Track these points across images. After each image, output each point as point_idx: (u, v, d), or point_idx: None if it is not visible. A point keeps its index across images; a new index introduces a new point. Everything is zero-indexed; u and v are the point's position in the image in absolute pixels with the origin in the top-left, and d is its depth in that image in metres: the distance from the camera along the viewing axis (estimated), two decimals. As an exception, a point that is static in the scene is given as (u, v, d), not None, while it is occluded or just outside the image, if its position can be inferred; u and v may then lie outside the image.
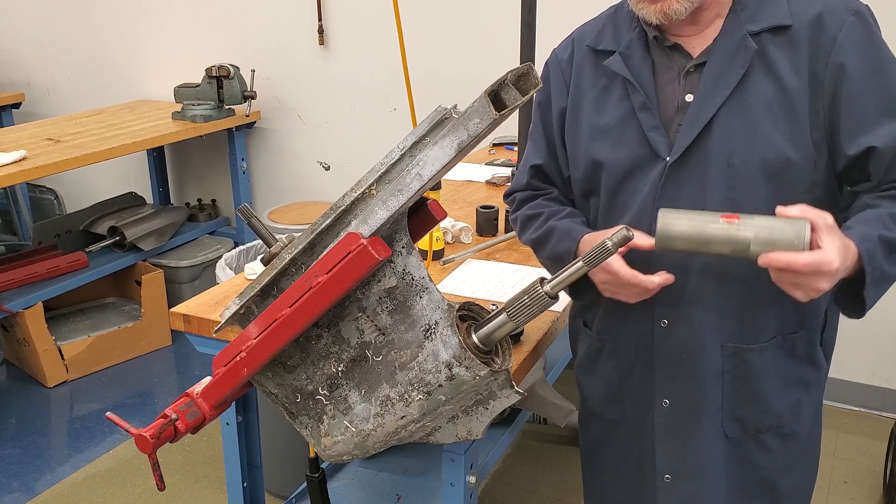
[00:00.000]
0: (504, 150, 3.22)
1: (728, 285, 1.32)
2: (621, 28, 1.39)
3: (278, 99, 4.03)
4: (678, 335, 1.37)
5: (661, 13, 1.26)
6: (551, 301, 1.15)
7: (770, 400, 1.38)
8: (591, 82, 1.41)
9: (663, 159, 1.31)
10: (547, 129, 1.49)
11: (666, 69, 1.34)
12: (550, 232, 1.42)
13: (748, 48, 1.27)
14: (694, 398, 1.39)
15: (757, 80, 1.27)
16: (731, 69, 1.27)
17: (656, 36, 1.34)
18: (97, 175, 4.53)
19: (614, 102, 1.37)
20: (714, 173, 1.28)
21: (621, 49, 1.37)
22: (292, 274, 1.17)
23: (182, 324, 1.80)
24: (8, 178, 3.00)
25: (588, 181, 1.42)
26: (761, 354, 1.35)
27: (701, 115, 1.28)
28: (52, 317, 3.58)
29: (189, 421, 1.23)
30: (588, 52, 1.42)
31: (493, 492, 2.72)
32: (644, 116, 1.33)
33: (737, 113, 1.27)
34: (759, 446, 1.41)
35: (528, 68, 1.07)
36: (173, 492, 2.72)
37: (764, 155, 1.25)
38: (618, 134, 1.36)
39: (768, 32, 1.27)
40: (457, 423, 1.27)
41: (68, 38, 4.54)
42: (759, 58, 1.27)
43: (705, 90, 1.28)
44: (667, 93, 1.33)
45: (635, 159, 1.34)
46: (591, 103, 1.40)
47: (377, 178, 1.11)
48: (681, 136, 1.29)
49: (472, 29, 3.48)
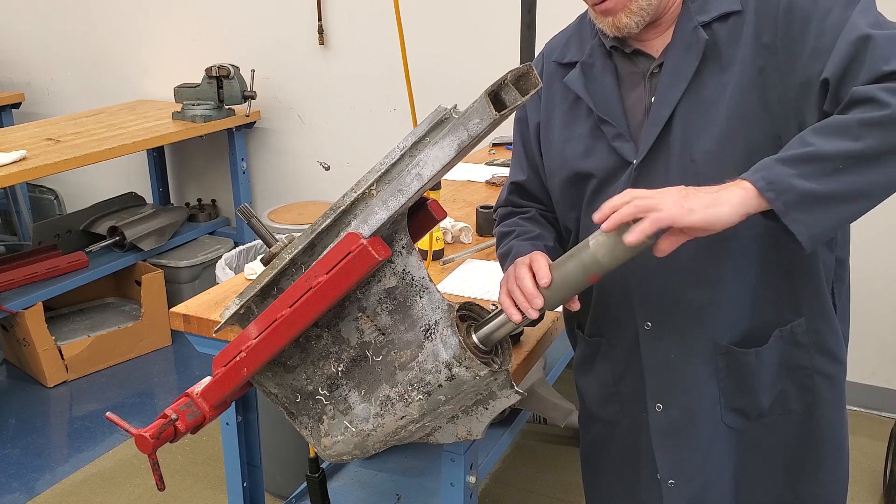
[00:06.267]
0: (504, 150, 3.21)
1: (709, 284, 1.31)
2: (585, 38, 1.40)
3: (278, 99, 4.03)
4: (663, 337, 1.36)
5: (612, 26, 1.27)
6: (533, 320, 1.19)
7: (770, 386, 1.35)
8: (560, 96, 1.41)
9: (631, 163, 1.31)
10: (526, 145, 1.50)
11: (630, 74, 1.34)
12: (508, 252, 1.41)
13: (699, 40, 1.25)
14: (687, 400, 1.38)
15: (711, 72, 1.25)
16: (684, 64, 1.26)
17: (614, 46, 1.34)
18: (97, 175, 4.52)
19: (583, 115, 1.37)
20: (678, 170, 1.27)
21: (583, 59, 1.37)
22: (292, 274, 1.17)
23: (182, 324, 1.80)
24: (8, 178, 3.00)
25: (565, 194, 1.42)
26: (759, 356, 1.34)
27: (660, 114, 1.28)
28: (52, 317, 3.58)
29: (189, 421, 1.23)
30: (556, 67, 1.43)
31: (493, 492, 2.72)
32: (605, 128, 1.33)
33: (695, 107, 1.26)
34: (765, 429, 1.38)
35: (528, 68, 1.07)
36: (173, 492, 2.72)
37: (723, 146, 1.23)
38: (588, 145, 1.36)
39: (719, 21, 1.25)
40: (457, 423, 1.27)
41: (68, 38, 4.54)
42: (713, 48, 1.25)
43: (663, 89, 1.28)
44: (633, 98, 1.33)
45: (607, 167, 1.34)
46: (562, 117, 1.41)
47: (377, 178, 1.11)
48: (644, 139, 1.29)
49: (472, 29, 3.48)
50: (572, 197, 1.41)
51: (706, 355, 1.35)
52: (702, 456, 1.40)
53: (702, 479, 1.41)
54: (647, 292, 1.34)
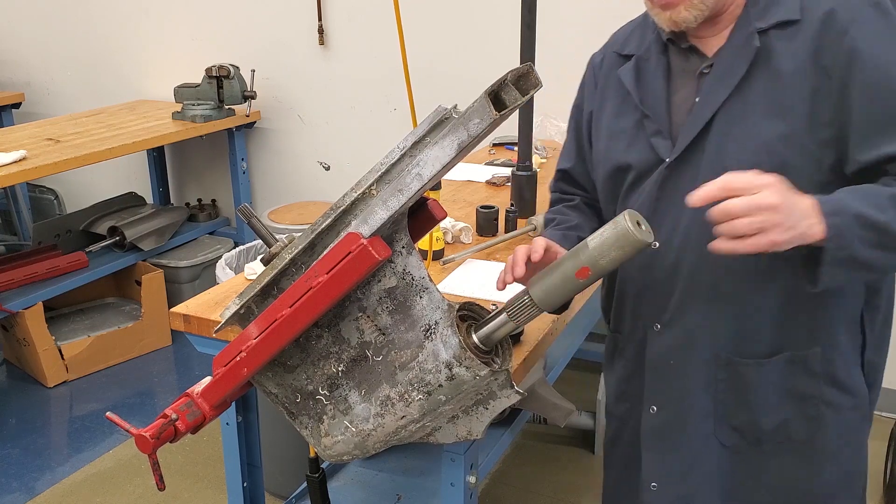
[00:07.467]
0: (504, 150, 3.21)
1: (720, 292, 1.29)
2: (646, 32, 1.39)
3: (278, 99, 4.03)
4: (668, 340, 1.36)
5: (670, 21, 1.25)
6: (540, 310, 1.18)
7: (773, 411, 1.32)
8: (615, 87, 1.41)
9: (663, 161, 1.30)
10: (578, 132, 1.51)
11: (682, 72, 1.33)
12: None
13: (751, 46, 1.23)
14: (680, 406, 1.37)
15: (759, 80, 1.23)
16: (733, 68, 1.25)
17: (670, 39, 1.33)
18: (97, 175, 4.52)
19: (632, 108, 1.37)
20: (709, 176, 1.22)
21: (640, 53, 1.37)
22: (292, 274, 1.17)
23: (182, 324, 1.80)
24: (8, 178, 3.00)
25: (605, 186, 1.43)
26: (760, 369, 1.31)
27: (701, 115, 1.26)
28: (52, 317, 3.58)
29: (189, 421, 1.23)
30: (616, 57, 1.43)
31: (493, 492, 2.72)
32: (647, 122, 1.33)
33: (736, 114, 1.24)
34: (761, 455, 1.36)
35: (528, 68, 1.06)
36: (173, 492, 2.72)
37: (759, 159, 1.20)
38: (631, 138, 1.36)
39: (776, 29, 1.23)
40: (457, 423, 1.27)
41: (68, 38, 4.54)
42: (764, 57, 1.23)
43: (707, 91, 1.27)
44: (681, 96, 1.32)
45: (644, 163, 1.34)
46: (613, 108, 1.41)
47: (377, 178, 1.11)
48: (680, 139, 1.29)
49: (472, 29, 3.48)
50: (612, 189, 1.42)
51: (704, 365, 1.33)
52: (686, 465, 1.39)
53: (683, 489, 1.40)
54: (663, 294, 1.34)
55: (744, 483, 1.38)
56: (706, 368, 1.34)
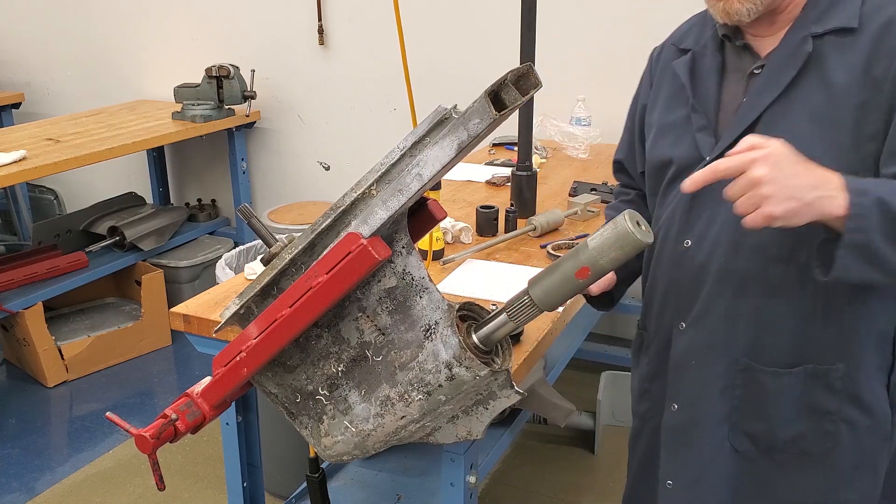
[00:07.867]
0: (504, 150, 3.21)
1: (744, 296, 1.28)
2: (706, 28, 1.38)
3: (278, 99, 4.03)
4: (691, 340, 1.35)
5: (724, 12, 1.23)
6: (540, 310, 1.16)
7: (789, 422, 1.31)
8: (669, 80, 1.41)
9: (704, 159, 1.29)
10: (632, 124, 1.53)
11: (735, 70, 1.32)
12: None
13: (803, 51, 1.20)
14: (697, 407, 1.37)
15: (808, 86, 1.20)
16: (782, 71, 1.22)
17: (726, 35, 1.32)
18: (97, 175, 4.52)
19: (682, 103, 1.36)
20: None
21: (696, 48, 1.36)
22: (292, 274, 1.17)
23: (182, 324, 1.80)
24: (8, 178, 3.00)
25: (649, 179, 1.44)
26: (779, 379, 1.29)
27: (746, 116, 1.25)
28: (52, 317, 3.58)
29: (189, 421, 1.23)
30: (674, 51, 1.43)
31: (493, 492, 2.72)
32: (694, 117, 1.32)
33: (781, 119, 1.22)
34: (773, 464, 1.34)
35: (528, 68, 1.06)
36: (173, 492, 2.72)
37: None
38: (679, 133, 1.36)
39: (832, 34, 1.19)
40: (457, 423, 1.27)
41: (68, 38, 4.54)
42: (816, 63, 1.20)
43: (755, 92, 1.25)
44: (731, 94, 1.31)
45: (685, 159, 1.33)
46: (665, 101, 1.41)
47: (377, 178, 1.11)
48: (724, 137, 1.27)
49: (472, 29, 3.48)
50: (654, 185, 1.42)
51: (724, 370, 1.33)
52: (699, 468, 1.39)
53: (696, 490, 1.39)
54: (690, 293, 1.33)
55: (754, 492, 1.37)
56: (725, 372, 1.33)
